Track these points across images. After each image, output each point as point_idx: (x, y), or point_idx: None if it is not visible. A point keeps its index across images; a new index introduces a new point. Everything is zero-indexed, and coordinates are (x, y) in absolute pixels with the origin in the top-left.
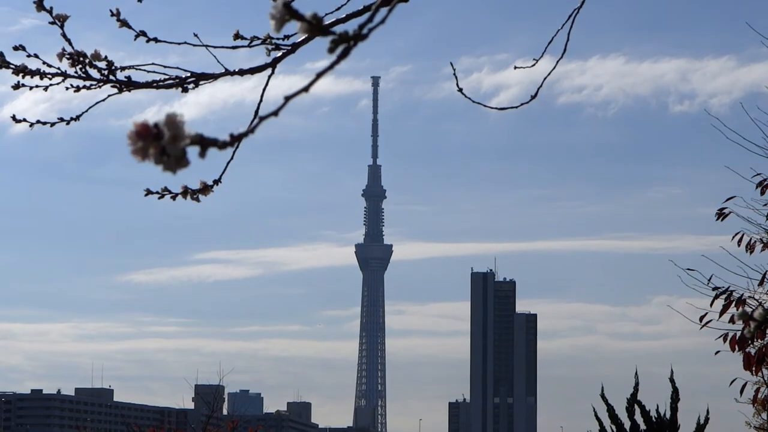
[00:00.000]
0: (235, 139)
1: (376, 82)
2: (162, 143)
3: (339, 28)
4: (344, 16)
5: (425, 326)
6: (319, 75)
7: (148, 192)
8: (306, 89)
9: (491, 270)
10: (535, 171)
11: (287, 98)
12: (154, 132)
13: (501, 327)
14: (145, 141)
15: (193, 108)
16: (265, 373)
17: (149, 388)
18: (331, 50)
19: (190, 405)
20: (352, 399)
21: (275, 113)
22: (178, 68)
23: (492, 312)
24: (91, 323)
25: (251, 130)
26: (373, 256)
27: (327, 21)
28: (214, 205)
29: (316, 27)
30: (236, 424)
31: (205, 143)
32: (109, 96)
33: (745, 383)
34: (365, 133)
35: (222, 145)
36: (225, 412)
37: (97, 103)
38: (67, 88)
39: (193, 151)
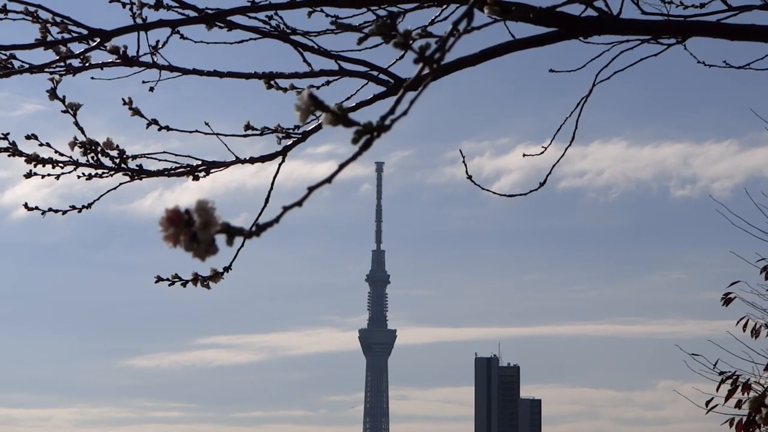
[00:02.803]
0: (261, 229)
1: (380, 167)
2: (193, 229)
3: (358, 116)
4: (354, 104)
5: (429, 411)
6: (342, 166)
7: (159, 279)
8: (329, 180)
9: (495, 355)
10: (537, 256)
11: (310, 189)
12: (185, 218)
13: (505, 412)
14: (176, 227)
15: (195, 193)
16: None
17: None
18: (354, 141)
19: None
20: None
21: (299, 203)
22: (188, 156)
23: (496, 397)
24: (94, 408)
25: (276, 220)
26: (377, 341)
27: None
28: (217, 290)
29: (341, 118)
30: None
31: (232, 232)
32: (120, 184)
33: None
34: (367, 218)
35: (248, 235)
36: None
37: (108, 191)
38: (78, 177)
39: (219, 239)
